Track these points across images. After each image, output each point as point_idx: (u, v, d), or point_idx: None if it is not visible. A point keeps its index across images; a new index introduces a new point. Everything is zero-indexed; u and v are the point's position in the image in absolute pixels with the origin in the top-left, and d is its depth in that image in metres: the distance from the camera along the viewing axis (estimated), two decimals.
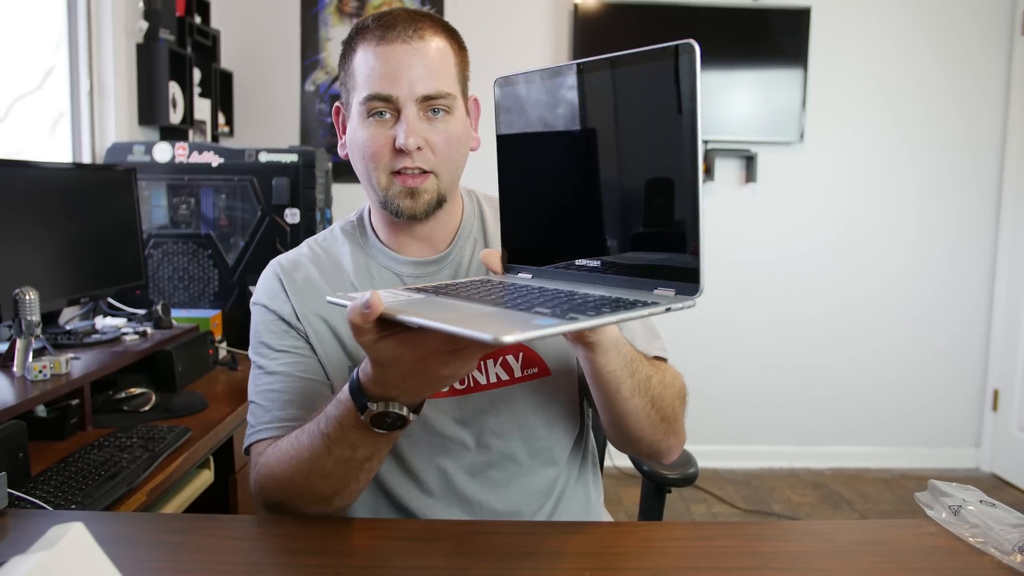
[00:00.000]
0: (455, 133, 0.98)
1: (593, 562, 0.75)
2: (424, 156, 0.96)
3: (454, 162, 1.00)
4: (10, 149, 2.13)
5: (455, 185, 1.03)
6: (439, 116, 0.97)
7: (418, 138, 0.95)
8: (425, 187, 0.97)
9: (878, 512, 3.01)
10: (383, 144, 0.96)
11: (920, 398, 3.50)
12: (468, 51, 1.04)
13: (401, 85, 0.94)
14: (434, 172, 0.97)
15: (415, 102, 0.95)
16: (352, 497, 0.90)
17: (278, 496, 0.91)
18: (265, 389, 1.00)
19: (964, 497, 0.83)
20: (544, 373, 1.04)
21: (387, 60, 0.95)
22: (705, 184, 3.40)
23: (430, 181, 0.97)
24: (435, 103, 0.96)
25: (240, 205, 2.28)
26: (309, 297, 1.03)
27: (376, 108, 0.96)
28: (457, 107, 0.99)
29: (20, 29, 2.19)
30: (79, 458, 1.30)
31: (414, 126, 0.94)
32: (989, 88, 3.38)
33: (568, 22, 3.29)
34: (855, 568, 0.75)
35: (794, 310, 3.47)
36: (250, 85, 3.30)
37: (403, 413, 0.77)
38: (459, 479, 1.02)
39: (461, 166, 1.02)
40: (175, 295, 2.28)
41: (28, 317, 1.46)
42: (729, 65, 3.32)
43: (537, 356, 1.03)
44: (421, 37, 0.96)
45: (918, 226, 3.45)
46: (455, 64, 0.99)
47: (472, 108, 1.05)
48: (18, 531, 0.82)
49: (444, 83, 0.96)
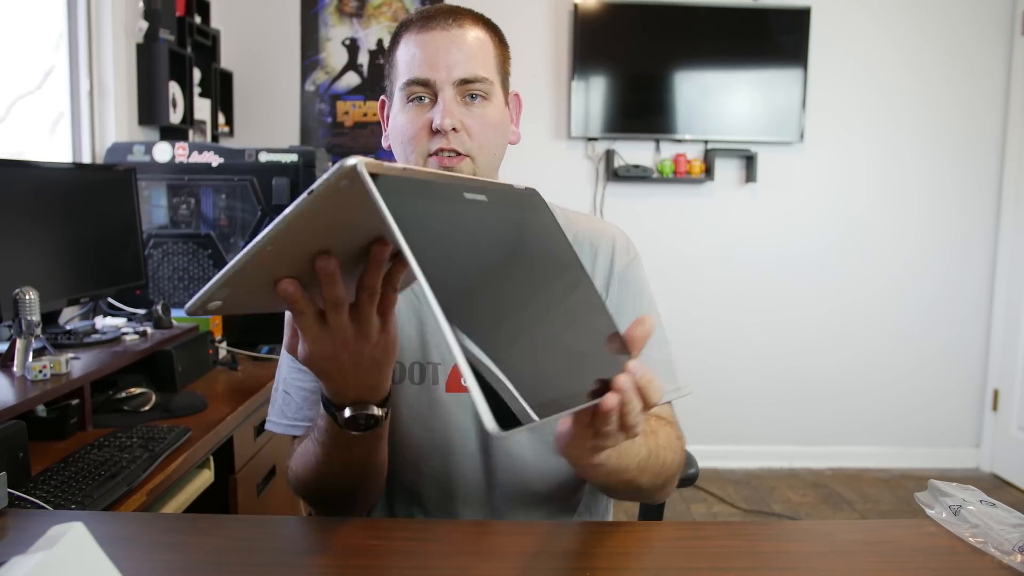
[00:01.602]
0: (492, 119, 0.99)
1: (593, 562, 0.75)
2: (460, 139, 0.97)
3: (490, 148, 1.00)
4: (10, 149, 2.13)
5: (491, 174, 1.03)
6: (476, 101, 0.98)
7: (454, 119, 0.95)
8: (460, 167, 0.98)
9: (878, 512, 3.01)
10: (421, 127, 0.97)
11: (920, 398, 3.50)
12: (510, 48, 1.05)
13: (439, 69, 0.96)
14: (470, 156, 0.98)
15: (452, 85, 0.96)
16: (371, 494, 0.93)
17: (309, 499, 0.94)
18: (297, 385, 1.02)
19: (964, 497, 0.83)
20: None
21: (426, 46, 0.97)
22: (705, 184, 3.40)
23: (465, 163, 0.98)
24: (473, 87, 0.97)
25: (240, 205, 2.28)
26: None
27: (415, 93, 0.97)
28: (495, 94, 1.00)
29: (20, 29, 2.19)
30: (79, 458, 1.30)
31: (450, 107, 0.96)
32: (989, 88, 3.38)
33: (568, 22, 3.29)
34: (855, 568, 0.75)
35: (794, 310, 3.47)
36: (250, 85, 3.30)
37: (373, 412, 0.78)
38: (470, 477, 1.02)
39: (498, 155, 1.03)
40: (175, 295, 2.28)
41: (28, 317, 1.46)
42: (729, 65, 3.32)
43: None
44: (460, 26, 0.98)
45: (918, 226, 3.45)
46: (494, 55, 1.01)
47: (513, 103, 1.07)
48: (18, 531, 0.82)
49: (482, 69, 0.98)
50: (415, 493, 1.04)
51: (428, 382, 1.02)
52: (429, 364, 1.03)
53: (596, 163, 3.37)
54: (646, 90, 3.34)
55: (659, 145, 3.37)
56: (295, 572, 0.76)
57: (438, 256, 0.55)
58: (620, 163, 3.33)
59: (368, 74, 3.34)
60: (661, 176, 3.34)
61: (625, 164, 3.32)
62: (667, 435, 0.96)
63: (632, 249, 1.08)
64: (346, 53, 3.32)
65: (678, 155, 3.34)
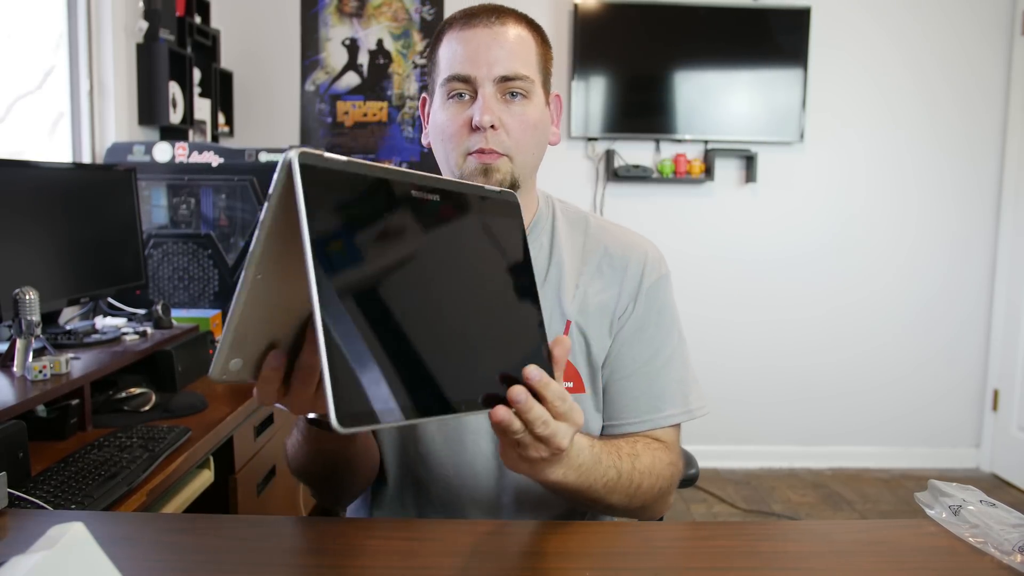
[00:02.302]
0: (532, 118, 0.99)
1: (593, 562, 0.75)
2: (498, 137, 0.97)
3: (529, 148, 1.00)
4: (10, 149, 2.13)
5: (530, 173, 1.03)
6: (516, 100, 0.98)
7: (493, 116, 0.95)
8: (498, 165, 0.97)
9: (878, 512, 3.01)
10: (461, 124, 0.97)
11: (920, 398, 3.50)
12: (552, 49, 1.05)
13: (480, 66, 0.96)
14: (508, 154, 0.98)
15: (493, 82, 0.96)
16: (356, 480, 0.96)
17: (299, 478, 0.97)
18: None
19: (964, 497, 0.83)
20: (579, 390, 1.02)
21: (468, 43, 0.97)
22: (705, 184, 3.40)
23: (503, 161, 0.98)
24: (513, 85, 0.97)
25: (240, 205, 2.28)
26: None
27: (456, 89, 0.98)
28: (535, 93, 0.99)
29: (20, 29, 2.19)
30: (79, 458, 1.30)
31: (490, 104, 0.96)
32: (989, 88, 3.38)
33: (568, 22, 3.29)
34: (855, 568, 0.75)
35: (794, 310, 3.47)
36: (250, 85, 3.30)
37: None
38: (481, 476, 1.02)
39: (537, 155, 1.03)
40: (175, 295, 2.28)
41: (28, 317, 1.46)
42: (729, 65, 3.32)
43: (576, 371, 1.02)
44: (503, 23, 0.98)
45: (918, 226, 3.45)
46: (536, 53, 1.00)
47: (554, 103, 1.07)
48: (18, 531, 0.82)
49: (523, 67, 0.98)
50: (424, 489, 1.04)
51: None
52: None
53: (596, 163, 3.37)
54: (646, 90, 3.34)
55: (659, 145, 3.37)
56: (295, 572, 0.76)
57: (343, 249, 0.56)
58: (620, 163, 3.33)
59: (368, 74, 3.34)
60: (661, 176, 3.34)
61: (625, 164, 3.32)
62: (652, 460, 0.95)
63: (663, 266, 1.07)
64: (346, 53, 3.32)
65: (678, 155, 3.34)
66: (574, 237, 1.07)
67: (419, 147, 3.35)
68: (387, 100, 3.35)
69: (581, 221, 1.08)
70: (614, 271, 1.04)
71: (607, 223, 1.09)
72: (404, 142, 3.36)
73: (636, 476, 0.91)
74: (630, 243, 1.07)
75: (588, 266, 1.04)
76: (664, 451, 0.99)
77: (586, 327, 1.02)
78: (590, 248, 1.05)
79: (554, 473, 0.75)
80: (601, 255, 1.05)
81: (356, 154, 3.34)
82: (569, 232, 1.07)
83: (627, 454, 0.92)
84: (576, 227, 1.08)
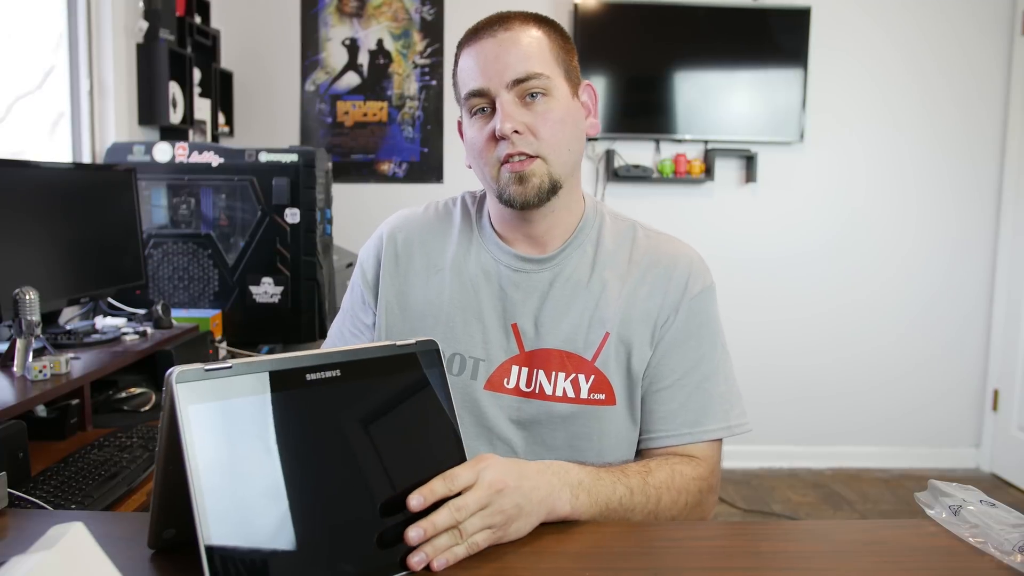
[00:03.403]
0: (557, 114, 0.98)
1: (593, 562, 0.75)
2: (526, 140, 0.96)
3: (563, 145, 0.99)
4: (10, 149, 2.13)
5: (570, 171, 1.01)
6: (537, 99, 0.97)
7: (514, 122, 0.95)
8: (532, 170, 0.97)
9: (878, 512, 3.01)
10: (487, 138, 0.98)
11: (920, 398, 3.50)
12: (571, 40, 1.05)
13: (491, 76, 0.96)
14: (540, 156, 0.97)
15: (507, 88, 0.96)
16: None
17: None
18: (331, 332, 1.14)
19: (964, 497, 0.83)
20: (610, 402, 1.02)
21: (477, 56, 0.97)
22: (705, 184, 3.40)
23: (537, 164, 0.97)
24: (529, 86, 0.96)
25: (240, 205, 2.27)
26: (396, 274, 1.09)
27: (476, 105, 0.98)
28: (556, 88, 0.98)
29: (20, 29, 2.19)
30: (79, 458, 1.30)
31: (508, 111, 0.95)
32: (989, 88, 3.38)
33: (568, 22, 3.29)
34: (855, 568, 0.75)
35: (794, 310, 3.47)
36: (250, 85, 3.30)
37: None
38: None
39: (575, 151, 1.01)
40: (175, 295, 2.28)
41: (28, 317, 1.46)
42: (729, 65, 3.32)
43: (608, 383, 1.02)
44: (507, 29, 0.97)
45: (918, 226, 3.45)
46: (550, 48, 0.99)
47: (586, 93, 1.05)
48: (18, 531, 0.82)
49: (537, 64, 0.96)
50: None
51: (466, 376, 1.02)
52: (471, 359, 1.03)
53: (596, 163, 3.38)
54: (646, 90, 3.34)
55: (659, 145, 3.37)
56: None
57: (223, 457, 0.61)
58: (620, 163, 3.33)
59: (368, 74, 3.34)
60: (661, 176, 3.34)
61: (625, 164, 3.32)
62: (670, 474, 0.94)
63: (707, 277, 1.06)
64: (346, 53, 3.32)
65: (678, 155, 3.34)
66: (621, 245, 1.06)
67: (419, 147, 3.36)
68: (387, 100, 3.35)
69: (629, 229, 1.07)
70: (659, 279, 1.03)
71: (655, 232, 1.08)
72: (404, 142, 3.36)
73: (651, 491, 0.90)
74: (676, 252, 1.06)
75: (633, 274, 1.03)
76: (688, 465, 0.97)
77: (629, 336, 1.01)
78: (637, 256, 1.04)
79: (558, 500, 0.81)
80: (647, 263, 1.04)
81: (356, 154, 3.34)
82: (616, 240, 1.06)
83: (635, 471, 0.91)
84: (624, 235, 1.07)
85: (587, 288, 1.03)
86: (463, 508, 0.71)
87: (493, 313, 1.03)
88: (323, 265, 2.34)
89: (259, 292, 2.27)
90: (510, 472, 0.76)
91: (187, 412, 0.59)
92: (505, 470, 0.76)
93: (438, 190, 3.35)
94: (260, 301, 2.27)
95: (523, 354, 1.02)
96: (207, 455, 0.59)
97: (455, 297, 1.04)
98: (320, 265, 2.31)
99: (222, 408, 0.61)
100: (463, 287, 1.05)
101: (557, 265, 1.04)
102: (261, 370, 0.64)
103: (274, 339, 2.33)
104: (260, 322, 2.27)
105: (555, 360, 1.01)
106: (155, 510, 0.67)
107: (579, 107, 1.03)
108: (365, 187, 3.34)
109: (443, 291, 1.05)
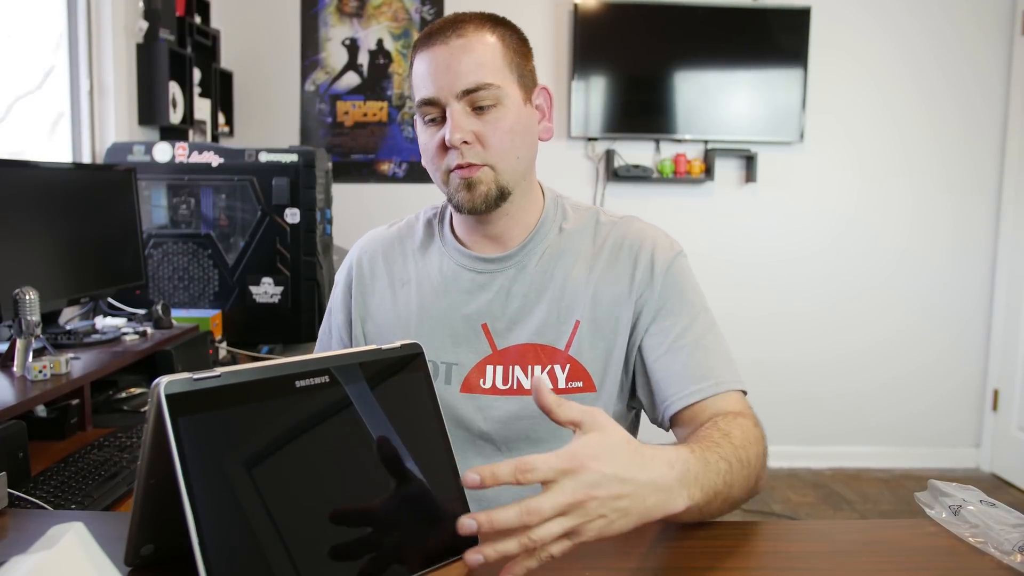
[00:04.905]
0: (507, 124, 0.98)
1: (593, 562, 0.75)
2: (474, 150, 0.97)
3: (511, 153, 0.99)
4: (10, 149, 2.13)
5: (520, 178, 1.02)
6: (487, 110, 0.97)
7: (463, 132, 0.96)
8: (479, 177, 0.98)
9: (878, 512, 3.01)
10: (437, 146, 0.99)
11: (920, 398, 3.50)
12: (529, 42, 1.04)
13: (442, 86, 0.96)
14: (488, 165, 0.98)
15: (457, 98, 0.96)
16: None
17: None
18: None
19: (964, 497, 0.83)
20: (589, 388, 1.02)
21: (429, 63, 0.97)
22: (705, 184, 3.40)
23: (484, 172, 0.98)
24: (479, 97, 0.96)
25: (240, 205, 2.27)
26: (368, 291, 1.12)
27: (427, 113, 0.99)
28: (507, 96, 0.98)
29: (20, 29, 2.19)
30: (79, 458, 1.30)
31: (458, 122, 0.96)
32: (989, 88, 3.38)
33: (568, 22, 3.29)
34: (855, 568, 0.75)
35: (794, 310, 3.47)
36: (250, 85, 3.30)
37: None
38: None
39: (525, 159, 1.02)
40: (175, 295, 2.28)
41: (28, 317, 1.46)
42: (729, 65, 3.32)
43: (584, 370, 1.02)
44: (460, 35, 0.97)
45: (918, 226, 3.45)
46: (503, 55, 0.98)
47: (540, 97, 1.05)
48: (18, 531, 0.82)
49: (487, 75, 0.96)
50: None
51: (440, 381, 1.03)
52: (443, 364, 1.03)
53: (596, 163, 3.37)
54: (646, 90, 3.34)
55: (659, 145, 3.37)
56: None
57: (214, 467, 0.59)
58: (620, 163, 3.33)
59: (368, 74, 3.34)
60: (661, 176, 3.33)
61: (625, 164, 3.32)
62: (742, 428, 0.88)
63: (674, 247, 1.05)
64: (346, 53, 3.32)
65: (678, 155, 3.34)
66: (583, 233, 1.06)
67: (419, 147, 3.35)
68: (387, 100, 3.35)
69: (591, 216, 1.08)
70: (625, 261, 1.03)
71: (617, 215, 1.09)
72: (404, 142, 3.36)
73: (740, 452, 0.82)
74: (639, 232, 1.06)
75: (600, 260, 1.04)
76: (740, 416, 0.93)
77: (601, 321, 1.02)
78: (600, 242, 1.05)
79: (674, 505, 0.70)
80: (611, 247, 1.04)
81: (356, 154, 3.34)
82: (578, 229, 1.07)
83: (720, 438, 0.83)
84: (586, 223, 1.07)
85: (552, 279, 1.03)
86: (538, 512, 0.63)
87: (461, 316, 1.04)
88: (323, 265, 2.34)
89: (259, 292, 2.27)
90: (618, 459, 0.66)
91: (176, 423, 0.58)
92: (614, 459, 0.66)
93: (438, 190, 3.35)
94: (260, 301, 2.27)
95: (496, 353, 1.03)
96: (197, 466, 0.58)
97: (423, 306, 1.06)
98: (320, 265, 2.31)
99: (211, 418, 0.60)
100: (429, 295, 1.06)
101: (520, 261, 1.05)
102: (250, 378, 0.63)
103: (274, 339, 2.33)
104: (260, 322, 2.27)
105: (529, 354, 1.02)
106: (134, 526, 0.66)
107: (532, 113, 1.03)
108: (365, 187, 3.34)
109: (411, 302, 1.07)
